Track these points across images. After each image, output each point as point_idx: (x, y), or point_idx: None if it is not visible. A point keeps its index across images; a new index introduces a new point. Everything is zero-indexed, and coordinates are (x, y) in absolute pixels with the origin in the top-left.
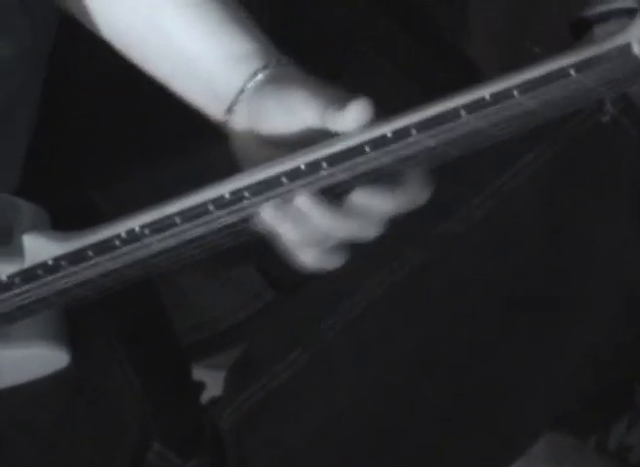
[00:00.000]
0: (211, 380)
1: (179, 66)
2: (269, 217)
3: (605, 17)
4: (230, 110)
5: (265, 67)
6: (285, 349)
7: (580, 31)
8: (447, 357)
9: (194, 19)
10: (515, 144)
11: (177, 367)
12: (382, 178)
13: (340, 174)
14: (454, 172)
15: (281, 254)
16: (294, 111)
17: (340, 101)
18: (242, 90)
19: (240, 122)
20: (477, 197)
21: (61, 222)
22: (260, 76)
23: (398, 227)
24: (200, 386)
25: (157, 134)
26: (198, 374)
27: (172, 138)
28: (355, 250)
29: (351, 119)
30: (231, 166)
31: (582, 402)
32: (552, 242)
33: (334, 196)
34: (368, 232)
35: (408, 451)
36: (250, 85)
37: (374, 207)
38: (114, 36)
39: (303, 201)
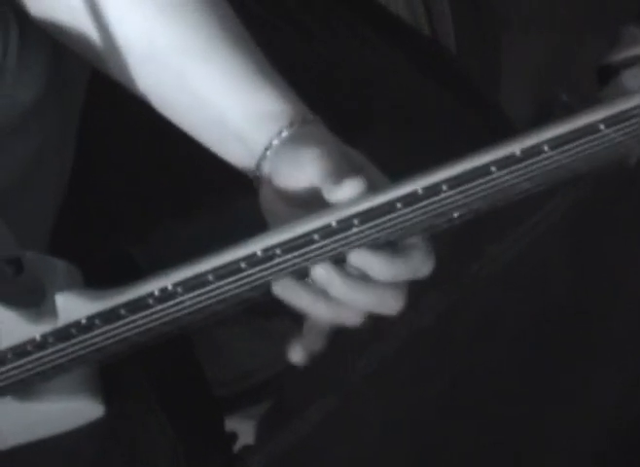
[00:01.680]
0: (245, 430)
1: (210, 124)
2: (283, 292)
3: (631, 62)
4: (258, 167)
5: (290, 125)
6: (314, 395)
7: (606, 76)
8: (476, 401)
9: (222, 76)
10: None
11: (210, 416)
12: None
13: (370, 232)
14: (481, 216)
15: None
16: (303, 170)
17: (345, 170)
18: (268, 148)
19: (265, 178)
20: (503, 239)
21: (97, 277)
22: (284, 134)
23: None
24: (233, 436)
25: (191, 187)
26: (233, 423)
27: (207, 190)
28: None
29: (342, 194)
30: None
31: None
32: (580, 283)
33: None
34: (386, 304)
35: None
36: (275, 142)
37: (372, 270)
38: (144, 92)
39: (320, 271)
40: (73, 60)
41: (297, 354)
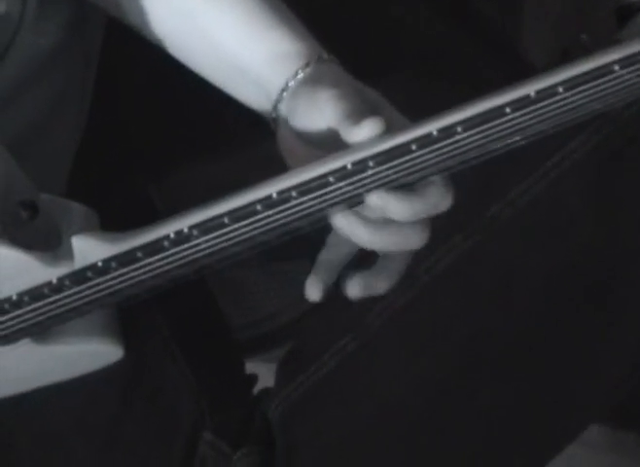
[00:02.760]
0: (265, 373)
1: (227, 68)
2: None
3: None
4: (274, 109)
5: (306, 65)
6: (333, 338)
7: (625, 17)
8: (497, 345)
9: (235, 18)
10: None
11: (230, 360)
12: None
13: (385, 174)
14: (500, 158)
15: None
16: (320, 111)
17: (363, 110)
18: (284, 89)
19: (282, 120)
20: (523, 182)
21: (117, 220)
22: (300, 74)
23: (442, 214)
24: (253, 379)
25: (208, 128)
26: (254, 366)
27: (225, 133)
28: None
29: (360, 135)
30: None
31: None
32: (600, 228)
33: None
34: (409, 241)
35: (455, 441)
36: (291, 83)
37: (391, 211)
38: (159, 38)
39: (339, 219)
40: (92, 7)
41: (313, 291)
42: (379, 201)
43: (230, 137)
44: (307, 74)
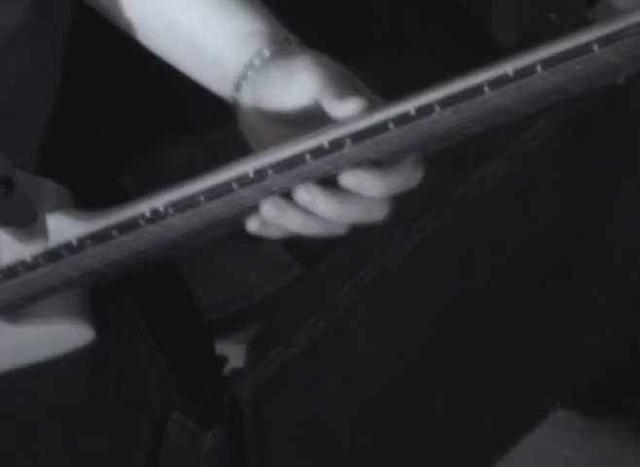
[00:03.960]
0: (235, 353)
1: (185, 48)
2: (271, 214)
3: None
4: (237, 87)
5: (272, 43)
6: (302, 318)
7: None
8: (465, 322)
9: (199, 1)
10: None
11: (200, 341)
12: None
13: (363, 152)
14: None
15: None
16: (295, 79)
17: (341, 84)
18: (248, 67)
19: (247, 99)
20: (491, 161)
21: (85, 201)
22: (266, 52)
23: (412, 193)
24: (223, 360)
25: (178, 112)
26: (223, 347)
27: (195, 115)
28: None
29: (345, 111)
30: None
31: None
32: (568, 207)
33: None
34: (372, 214)
35: (427, 418)
36: (256, 61)
37: (365, 189)
38: (122, 20)
39: (303, 194)
40: None
41: (253, 224)
42: (354, 179)
43: (198, 120)
44: (274, 51)
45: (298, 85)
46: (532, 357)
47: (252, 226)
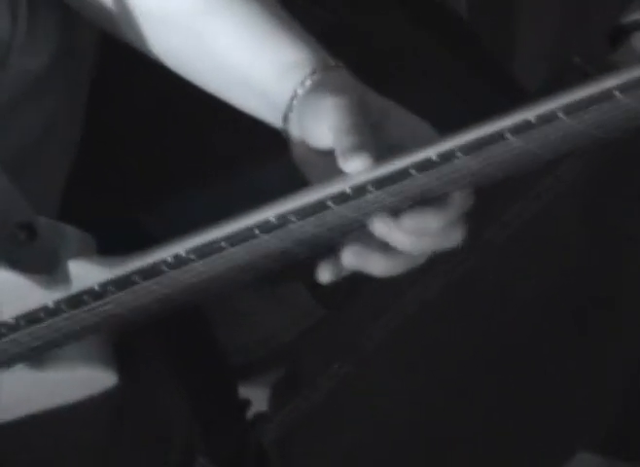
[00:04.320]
0: (259, 397)
1: (231, 81)
2: (353, 258)
3: None
4: (285, 119)
5: (313, 72)
6: (326, 362)
7: (618, 39)
8: (490, 368)
9: (238, 32)
10: None
11: (224, 385)
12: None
13: (386, 198)
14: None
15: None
16: (321, 125)
17: (356, 133)
18: (294, 97)
19: (295, 130)
20: (517, 204)
21: (108, 246)
22: (308, 82)
23: None
24: (246, 404)
25: (202, 155)
26: (247, 391)
27: (219, 159)
28: None
29: (350, 168)
30: (280, 186)
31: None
32: (595, 247)
33: None
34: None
35: (453, 461)
36: (299, 92)
37: (426, 224)
38: (161, 56)
39: (381, 226)
40: (83, 27)
41: (325, 273)
42: (413, 219)
43: (225, 164)
44: (314, 82)
45: (321, 128)
46: (556, 397)
47: (324, 276)
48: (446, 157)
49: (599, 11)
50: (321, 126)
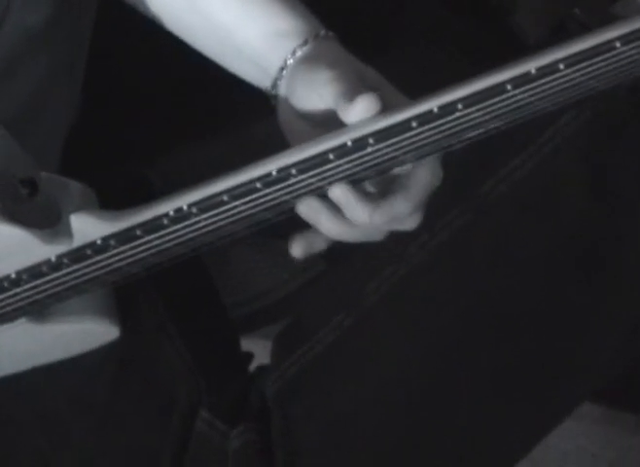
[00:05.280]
0: (261, 350)
1: (225, 45)
2: (306, 212)
3: None
4: (273, 86)
5: (304, 43)
6: (328, 315)
7: None
8: (492, 319)
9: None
10: None
11: (226, 338)
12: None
13: (386, 151)
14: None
15: None
16: (318, 93)
17: (359, 89)
18: (283, 68)
19: (283, 97)
20: (516, 157)
21: (110, 199)
22: (299, 53)
23: (438, 190)
24: (249, 356)
25: (204, 109)
26: (249, 343)
27: (220, 112)
28: None
29: (356, 113)
30: (280, 141)
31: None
32: (596, 200)
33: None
34: (406, 223)
35: (453, 415)
36: (290, 62)
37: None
38: (157, 14)
39: (339, 194)
40: None
41: (297, 248)
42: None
43: (225, 118)
44: (305, 52)
45: (318, 96)
46: (558, 352)
47: (296, 251)
48: (448, 109)
49: None
50: (314, 98)
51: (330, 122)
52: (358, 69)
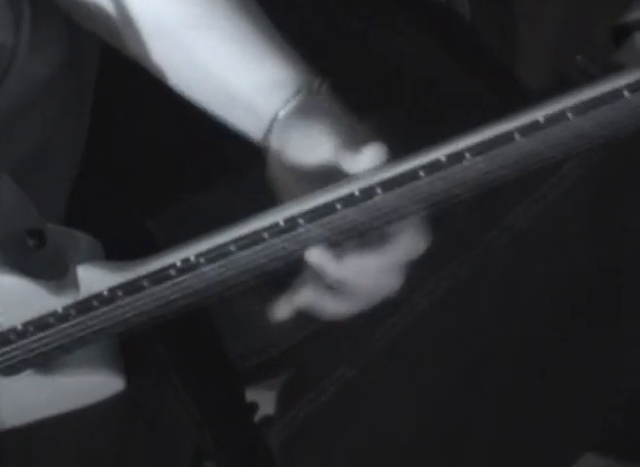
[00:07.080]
0: (266, 400)
1: (217, 95)
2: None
3: None
4: (265, 138)
5: (296, 93)
6: (332, 365)
7: (620, 38)
8: (497, 370)
9: (226, 47)
10: None
11: (231, 389)
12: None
13: (394, 200)
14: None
15: None
16: (315, 144)
17: (356, 142)
18: (274, 120)
19: (275, 150)
20: (520, 205)
21: (115, 251)
22: (291, 104)
23: (442, 239)
24: (254, 407)
25: (208, 159)
26: (254, 394)
27: (225, 162)
28: None
29: (364, 162)
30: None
31: None
32: (600, 247)
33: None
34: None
35: (459, 464)
36: (281, 113)
37: (367, 265)
38: (154, 66)
39: (315, 256)
40: (86, 36)
41: (281, 311)
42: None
43: (222, 167)
44: (297, 103)
45: (315, 147)
46: (564, 399)
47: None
48: (455, 158)
49: (601, 10)
50: (310, 150)
51: (323, 175)
52: (350, 120)
